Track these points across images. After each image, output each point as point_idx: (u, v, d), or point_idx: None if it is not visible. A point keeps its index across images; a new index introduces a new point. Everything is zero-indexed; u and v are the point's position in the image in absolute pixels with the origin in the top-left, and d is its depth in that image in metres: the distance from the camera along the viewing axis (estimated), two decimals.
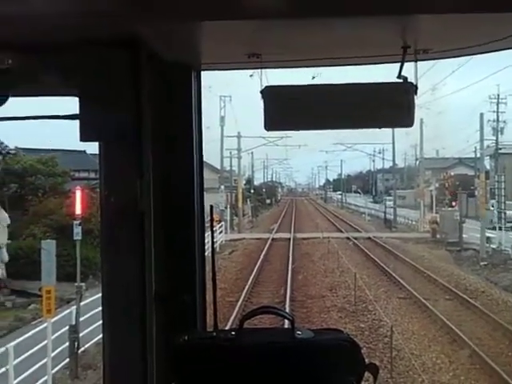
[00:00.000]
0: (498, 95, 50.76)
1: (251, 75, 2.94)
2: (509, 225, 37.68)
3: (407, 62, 2.34)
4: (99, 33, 2.15)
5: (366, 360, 2.34)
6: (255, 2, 2.04)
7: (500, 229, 36.77)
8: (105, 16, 2.04)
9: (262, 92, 2.34)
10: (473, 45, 2.38)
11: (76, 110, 2.27)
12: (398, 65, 2.37)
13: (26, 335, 15.28)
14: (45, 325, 15.32)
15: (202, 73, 2.59)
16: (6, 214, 23.43)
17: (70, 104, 2.34)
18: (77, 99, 2.26)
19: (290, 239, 39.33)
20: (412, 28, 2.21)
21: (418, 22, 2.15)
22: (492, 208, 39.12)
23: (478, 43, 2.35)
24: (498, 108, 50.79)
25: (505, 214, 38.99)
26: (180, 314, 2.47)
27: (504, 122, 50.96)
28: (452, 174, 61.47)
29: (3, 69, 2.19)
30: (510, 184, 39.85)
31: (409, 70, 2.38)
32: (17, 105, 2.38)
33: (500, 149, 49.05)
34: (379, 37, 2.29)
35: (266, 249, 34.95)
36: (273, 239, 39.89)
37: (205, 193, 2.66)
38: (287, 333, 2.29)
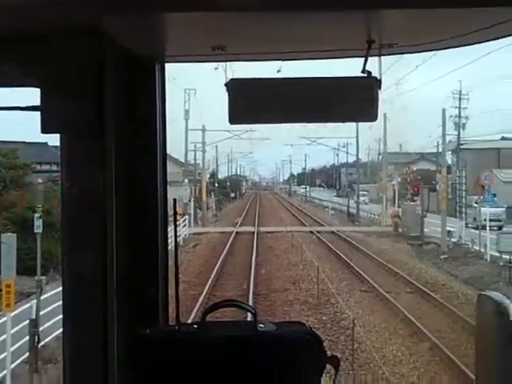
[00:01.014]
0: (460, 91, 51.57)
1: (216, 68, 2.92)
2: (493, 223, 34.79)
3: (372, 56, 2.35)
4: (62, 23, 2.11)
5: (328, 352, 2.35)
6: None
7: (477, 227, 34.44)
8: (68, 5, 2.00)
9: (226, 85, 2.33)
10: (437, 40, 2.39)
11: (37, 102, 2.23)
12: (363, 59, 2.38)
13: None
14: (4, 319, 15.09)
15: (167, 65, 2.57)
16: None
17: (31, 95, 2.30)
18: (38, 90, 2.22)
19: (254, 233, 39.37)
20: (377, 22, 2.22)
21: (383, 17, 2.16)
22: (475, 205, 38.47)
23: (442, 38, 2.37)
24: (460, 104, 51.61)
25: (466, 207, 39.18)
26: (142, 308, 2.45)
27: (466, 117, 51.84)
28: (414, 168, 62.25)
29: None
30: (471, 179, 40.44)
31: (373, 65, 2.39)
32: None
33: (461, 144, 49.87)
34: (344, 31, 2.29)
35: (229, 242, 34.93)
36: (237, 233, 39.89)
37: (168, 186, 2.64)
38: (249, 326, 2.29)
